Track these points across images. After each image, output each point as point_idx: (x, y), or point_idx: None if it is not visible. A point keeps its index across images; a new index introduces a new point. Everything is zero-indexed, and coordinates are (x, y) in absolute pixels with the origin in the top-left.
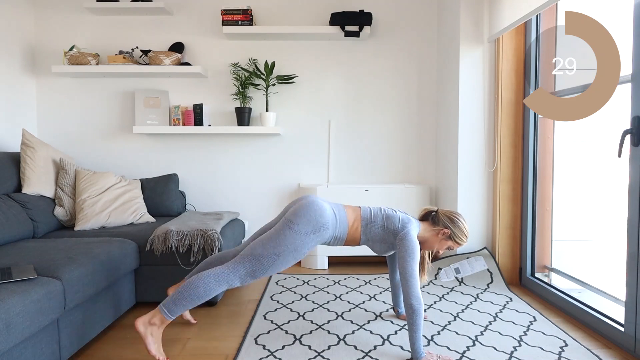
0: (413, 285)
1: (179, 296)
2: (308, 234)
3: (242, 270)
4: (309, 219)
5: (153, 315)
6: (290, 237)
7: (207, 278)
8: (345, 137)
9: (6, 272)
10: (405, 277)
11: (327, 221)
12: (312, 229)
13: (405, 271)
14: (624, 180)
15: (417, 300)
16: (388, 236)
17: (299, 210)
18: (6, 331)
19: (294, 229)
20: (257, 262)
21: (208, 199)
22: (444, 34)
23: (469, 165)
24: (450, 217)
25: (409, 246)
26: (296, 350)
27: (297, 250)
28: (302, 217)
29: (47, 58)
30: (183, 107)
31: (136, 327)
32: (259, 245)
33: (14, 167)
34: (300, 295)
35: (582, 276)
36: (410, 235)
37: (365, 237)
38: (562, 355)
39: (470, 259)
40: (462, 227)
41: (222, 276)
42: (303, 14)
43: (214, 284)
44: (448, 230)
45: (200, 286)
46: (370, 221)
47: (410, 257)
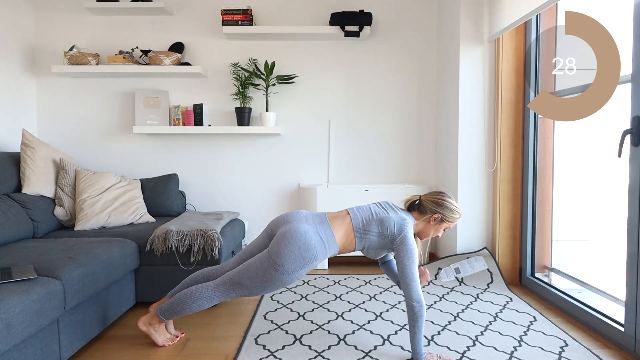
0: (414, 288)
1: (173, 308)
2: (296, 270)
3: (232, 294)
4: (295, 257)
5: (151, 318)
6: (277, 277)
7: (200, 300)
8: (345, 137)
9: (6, 272)
10: (406, 281)
11: (315, 253)
12: (300, 266)
13: (405, 275)
14: (624, 180)
15: (418, 302)
16: (385, 242)
17: (282, 247)
18: (6, 331)
19: (280, 270)
20: (246, 290)
21: (208, 199)
22: (444, 34)
23: (469, 165)
24: (435, 200)
25: (408, 250)
26: (296, 350)
27: (286, 283)
28: (287, 257)
29: (47, 58)
30: (183, 107)
31: (139, 327)
32: (246, 277)
33: (14, 167)
34: (301, 295)
35: (582, 276)
36: (408, 239)
37: (361, 245)
38: (563, 355)
39: (471, 259)
40: (450, 206)
41: (215, 298)
42: (303, 14)
43: (207, 303)
44: (438, 215)
45: (193, 307)
46: (365, 231)
47: (409, 260)
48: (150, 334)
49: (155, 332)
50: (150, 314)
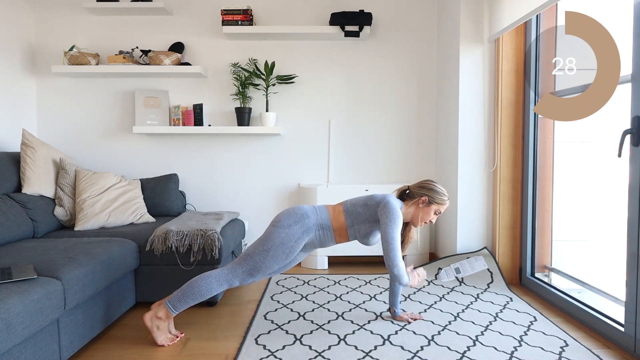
0: (393, 250)
1: (182, 294)
2: (291, 225)
3: (238, 270)
4: (289, 213)
5: (159, 309)
6: (274, 232)
7: (209, 278)
8: (345, 137)
9: (6, 272)
10: (387, 241)
11: (306, 211)
12: (294, 220)
13: (387, 234)
14: (624, 180)
15: (397, 269)
16: (371, 212)
17: (279, 213)
18: (6, 331)
19: (277, 225)
20: (250, 260)
21: (208, 199)
22: (444, 34)
23: (469, 165)
24: (422, 185)
25: (390, 212)
26: (297, 350)
27: (284, 243)
28: (282, 214)
29: (47, 58)
30: (183, 107)
31: (144, 320)
32: (250, 247)
33: (14, 167)
34: (301, 295)
35: (582, 276)
36: (391, 203)
37: (350, 220)
38: (563, 355)
39: (471, 258)
40: (436, 188)
41: (222, 276)
42: (303, 14)
43: (215, 283)
44: (425, 197)
45: (202, 285)
46: (352, 203)
47: (391, 221)
48: (152, 331)
49: (157, 331)
50: (159, 307)
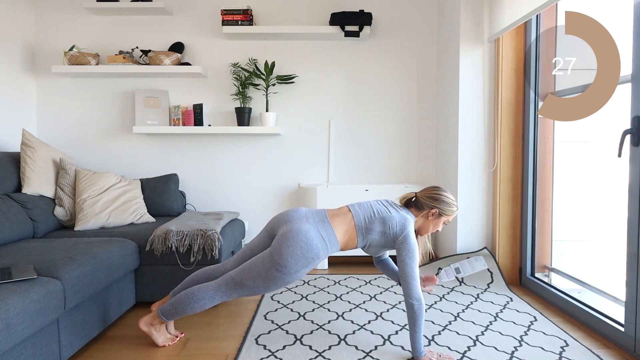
0: (414, 287)
1: (174, 308)
2: (298, 270)
3: (234, 294)
4: (297, 258)
5: (153, 318)
6: (279, 278)
7: (202, 300)
8: (345, 137)
9: (6, 272)
10: (406, 280)
11: (317, 252)
12: (302, 266)
13: (406, 273)
14: (624, 180)
15: (417, 301)
16: (387, 241)
17: (284, 248)
18: (6, 331)
19: (283, 271)
20: (248, 290)
21: (208, 199)
22: (444, 34)
23: (469, 165)
24: (431, 195)
25: (409, 249)
26: (297, 351)
27: (288, 283)
28: (289, 258)
29: (47, 58)
30: (183, 107)
31: (139, 326)
32: (248, 277)
33: (14, 167)
34: (301, 295)
35: (582, 276)
36: (410, 238)
37: (363, 243)
38: (563, 355)
39: (471, 258)
40: (446, 199)
41: (216, 297)
42: (303, 14)
43: (208, 303)
44: (435, 210)
45: (195, 306)
46: (367, 229)
47: (410, 259)
48: (151, 334)
49: (156, 333)
50: (152, 314)
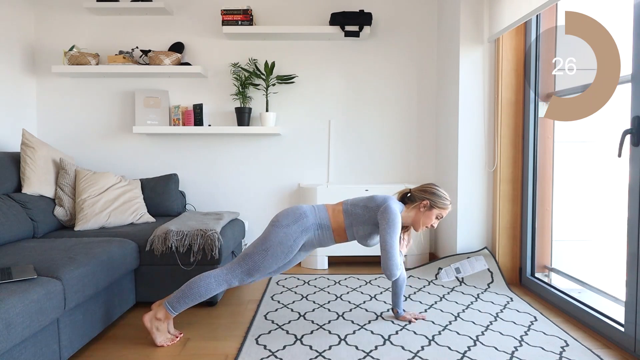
0: (392, 257)
1: (181, 295)
2: (289, 224)
3: (237, 270)
4: (287, 213)
5: (158, 311)
6: (273, 232)
7: (208, 278)
8: (345, 137)
9: (6, 272)
10: (385, 248)
11: (304, 210)
12: (292, 220)
13: (385, 242)
14: (624, 180)
15: (394, 277)
16: (370, 214)
17: (278, 213)
18: (6, 331)
19: (275, 224)
20: (249, 259)
21: (208, 199)
22: (444, 34)
23: (469, 165)
24: (423, 189)
25: (389, 217)
26: (297, 350)
27: (282, 242)
28: (280, 214)
29: (47, 58)
30: (183, 107)
31: (143, 321)
32: (249, 246)
33: (14, 167)
34: (301, 295)
35: (582, 276)
36: (391, 208)
37: (349, 220)
38: (564, 355)
39: (471, 258)
40: (438, 192)
41: (221, 276)
42: (303, 14)
43: (214, 283)
44: (427, 201)
45: (201, 286)
46: (352, 204)
47: (390, 227)
48: (152, 332)
49: (157, 332)
50: (158, 307)
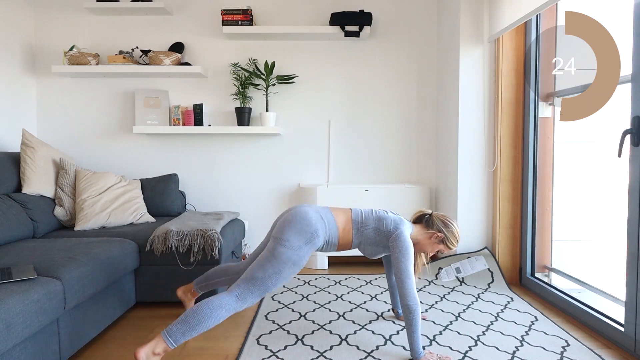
0: (409, 286)
1: (187, 327)
2: (301, 246)
3: (249, 297)
4: (298, 231)
5: (156, 344)
6: (285, 254)
7: (219, 310)
8: (345, 137)
9: (6, 272)
10: (401, 278)
11: (316, 229)
12: (304, 241)
13: (400, 271)
14: (624, 180)
15: (413, 301)
16: (381, 238)
17: (285, 225)
18: (6, 331)
19: (286, 245)
20: (261, 284)
21: (208, 199)
22: (444, 34)
23: (469, 165)
24: (445, 221)
25: (402, 246)
26: (298, 351)
27: (295, 264)
28: (290, 231)
29: (47, 58)
30: (183, 107)
31: (137, 357)
32: (258, 269)
33: (14, 167)
34: (302, 295)
35: (582, 276)
36: (403, 236)
37: (358, 240)
38: (565, 355)
39: (471, 258)
40: (455, 232)
41: (232, 305)
42: (303, 14)
43: (225, 313)
44: (441, 234)
45: (212, 318)
46: (362, 224)
47: (404, 257)
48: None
49: None
50: (155, 340)
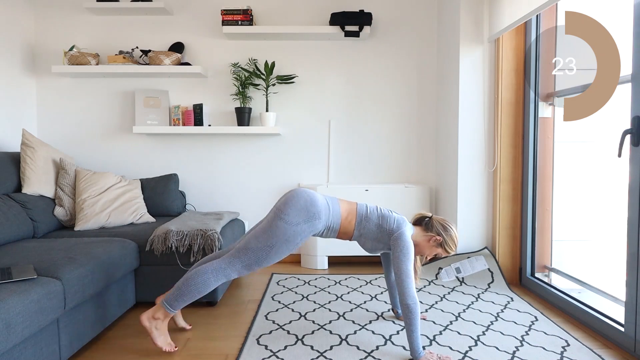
0: (408, 285)
1: (179, 292)
2: (299, 223)
3: (238, 264)
4: (300, 208)
5: (156, 310)
6: (281, 228)
7: (205, 274)
8: (345, 137)
9: (6, 272)
10: (401, 277)
11: (319, 210)
12: (304, 219)
13: (401, 271)
14: (624, 180)
15: (412, 300)
16: (382, 235)
17: (289, 199)
18: (6, 331)
19: (285, 219)
20: (252, 254)
21: (208, 199)
22: (444, 34)
23: (469, 165)
24: (444, 225)
25: (404, 246)
26: (299, 351)
27: (289, 241)
28: (292, 206)
29: (47, 58)
30: (183, 107)
31: (141, 321)
32: (252, 239)
33: (14, 167)
34: (302, 295)
35: (582, 276)
36: (405, 236)
37: (359, 232)
38: (565, 355)
39: (471, 258)
40: (454, 236)
41: (220, 270)
42: (303, 14)
43: (212, 278)
44: (440, 238)
45: (199, 282)
46: (365, 217)
47: (405, 257)
48: (151, 332)
49: (156, 331)
50: (155, 306)
